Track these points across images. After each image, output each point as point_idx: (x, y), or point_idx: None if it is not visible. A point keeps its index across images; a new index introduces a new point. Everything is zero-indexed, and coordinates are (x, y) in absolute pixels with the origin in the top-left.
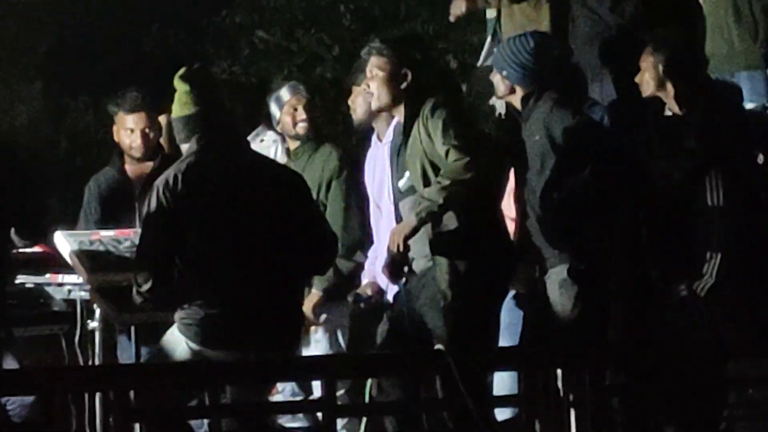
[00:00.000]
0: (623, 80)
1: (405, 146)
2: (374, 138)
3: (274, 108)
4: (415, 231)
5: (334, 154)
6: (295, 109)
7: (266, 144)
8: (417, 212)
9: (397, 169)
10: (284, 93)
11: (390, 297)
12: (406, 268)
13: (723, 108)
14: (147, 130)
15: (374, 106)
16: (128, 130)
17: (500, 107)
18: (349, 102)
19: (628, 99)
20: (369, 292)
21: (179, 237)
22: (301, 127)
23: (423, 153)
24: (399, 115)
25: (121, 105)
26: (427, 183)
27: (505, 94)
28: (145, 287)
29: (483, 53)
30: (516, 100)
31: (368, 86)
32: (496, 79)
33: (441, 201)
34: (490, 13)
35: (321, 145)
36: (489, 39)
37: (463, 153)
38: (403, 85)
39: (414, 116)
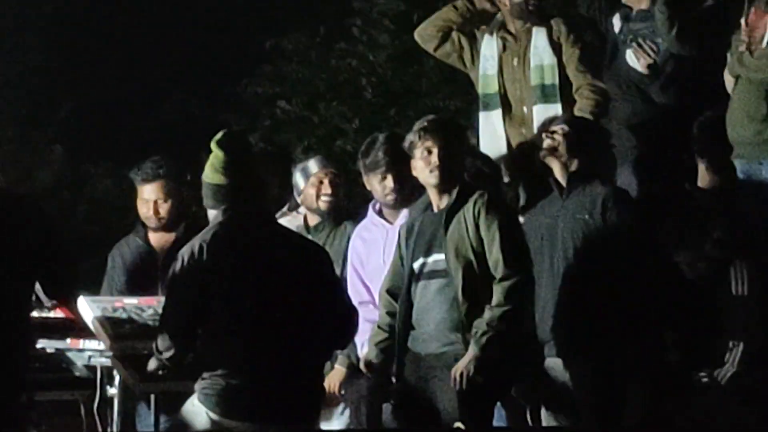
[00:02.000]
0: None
1: (444, 230)
2: (374, 218)
3: (299, 178)
4: (480, 363)
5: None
6: (321, 182)
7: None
8: (479, 342)
9: (414, 251)
10: (312, 165)
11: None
12: None
13: (750, 198)
14: (161, 201)
15: (433, 181)
16: (143, 200)
17: None
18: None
19: (657, 184)
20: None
21: (202, 307)
22: (324, 202)
23: (469, 244)
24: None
25: (137, 174)
26: (467, 272)
27: (553, 147)
28: (167, 355)
29: None
30: (560, 171)
31: (429, 162)
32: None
33: (503, 326)
34: None
35: (341, 222)
36: None
37: (519, 273)
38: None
39: (459, 203)
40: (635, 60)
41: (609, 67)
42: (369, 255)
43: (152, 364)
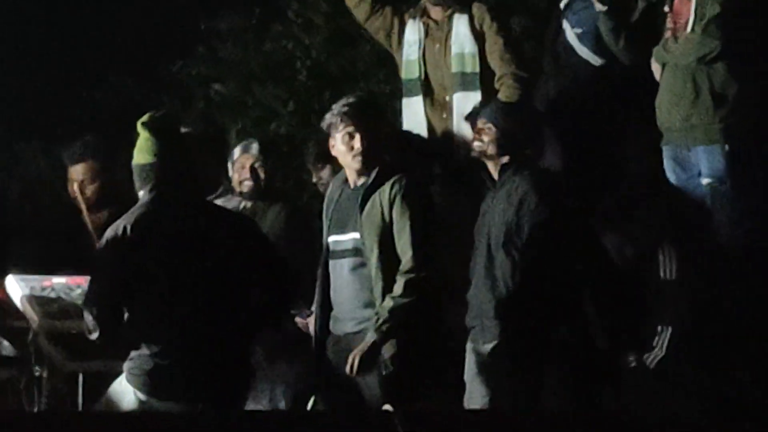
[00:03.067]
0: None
1: (360, 209)
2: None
3: (229, 164)
4: (376, 350)
5: (283, 213)
6: (243, 167)
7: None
8: (379, 331)
9: (330, 226)
10: (236, 151)
11: None
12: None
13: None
14: (87, 182)
15: (356, 166)
16: (71, 180)
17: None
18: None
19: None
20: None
21: (126, 287)
22: (245, 185)
23: (383, 226)
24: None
25: (65, 156)
26: (382, 253)
27: (483, 152)
28: (94, 335)
29: None
30: (493, 166)
31: (351, 147)
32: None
33: (402, 316)
34: None
35: (273, 203)
36: None
37: (423, 268)
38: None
39: (375, 184)
40: (574, 38)
41: (553, 43)
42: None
43: None
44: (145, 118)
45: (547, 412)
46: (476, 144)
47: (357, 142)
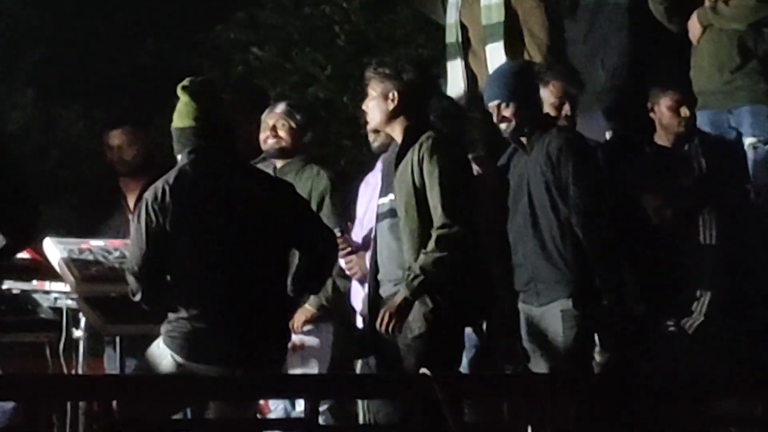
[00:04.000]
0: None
1: (395, 170)
2: (378, 163)
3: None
4: (409, 306)
5: (323, 173)
6: (267, 126)
7: None
8: (411, 286)
9: (384, 188)
10: (266, 113)
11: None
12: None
13: (720, 147)
14: (125, 146)
15: (369, 125)
16: (108, 146)
17: None
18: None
19: (626, 128)
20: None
21: (166, 250)
22: (267, 144)
23: (412, 185)
24: (395, 134)
25: (102, 122)
26: (411, 212)
27: (514, 130)
28: (137, 297)
29: None
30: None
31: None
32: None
33: (435, 272)
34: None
35: (307, 164)
36: None
37: (456, 222)
38: (391, 107)
39: (410, 142)
40: None
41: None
42: (370, 200)
43: None
44: (185, 82)
45: (587, 375)
46: (503, 125)
47: (392, 103)
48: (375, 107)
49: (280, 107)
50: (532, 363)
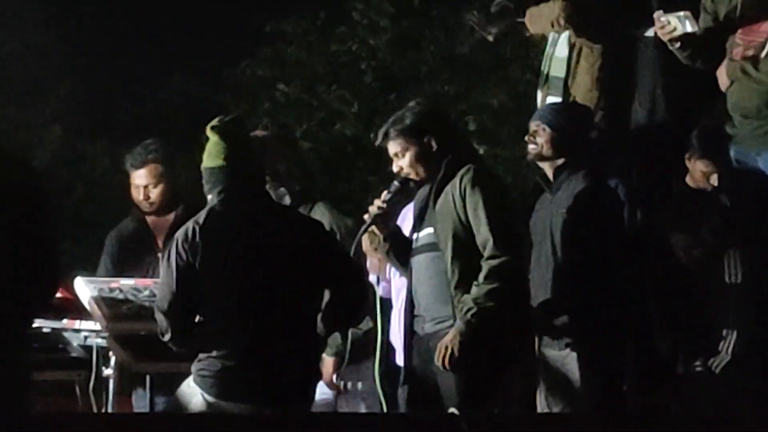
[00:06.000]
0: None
1: (433, 204)
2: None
3: None
4: (466, 338)
5: (327, 216)
6: None
7: None
8: (464, 319)
9: (413, 224)
10: None
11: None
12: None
13: (746, 184)
14: (151, 186)
15: (416, 177)
16: (135, 185)
17: None
18: None
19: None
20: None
21: (196, 289)
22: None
23: (456, 218)
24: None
25: (127, 161)
26: (456, 246)
27: (538, 154)
28: (166, 337)
29: None
30: (548, 168)
31: (401, 167)
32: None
33: (489, 302)
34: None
35: (314, 204)
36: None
37: (507, 252)
38: (435, 148)
39: (446, 177)
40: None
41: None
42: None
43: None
44: (214, 122)
45: (617, 416)
46: (531, 147)
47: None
48: (414, 159)
49: None
50: (552, 405)
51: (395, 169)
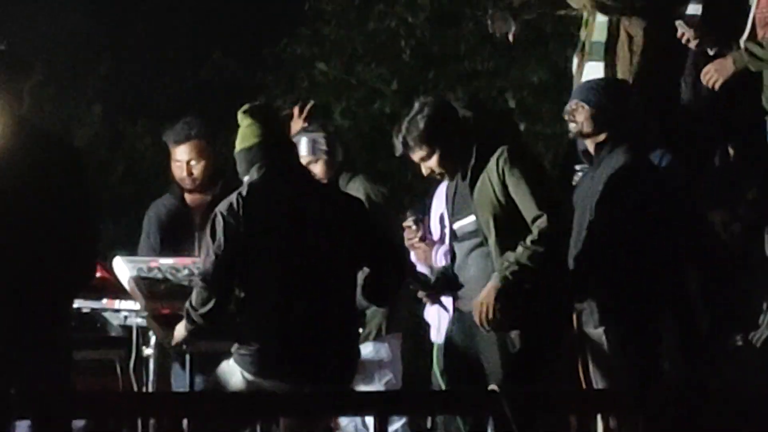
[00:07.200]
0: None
1: (471, 190)
2: None
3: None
4: (501, 295)
5: (362, 189)
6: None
7: None
8: (504, 274)
9: (453, 212)
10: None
11: (435, 335)
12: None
13: None
14: (193, 162)
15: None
16: (176, 161)
17: None
18: None
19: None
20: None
21: (242, 261)
22: None
23: (496, 202)
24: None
25: (169, 137)
26: (499, 231)
27: (581, 131)
28: (203, 310)
29: None
30: (590, 144)
31: (431, 169)
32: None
33: (530, 264)
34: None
35: (354, 176)
36: None
37: (554, 217)
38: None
39: (480, 161)
40: None
41: None
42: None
43: (180, 331)
44: (244, 107)
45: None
46: (571, 125)
47: (433, 162)
48: (441, 159)
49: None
50: (596, 382)
51: (425, 172)
